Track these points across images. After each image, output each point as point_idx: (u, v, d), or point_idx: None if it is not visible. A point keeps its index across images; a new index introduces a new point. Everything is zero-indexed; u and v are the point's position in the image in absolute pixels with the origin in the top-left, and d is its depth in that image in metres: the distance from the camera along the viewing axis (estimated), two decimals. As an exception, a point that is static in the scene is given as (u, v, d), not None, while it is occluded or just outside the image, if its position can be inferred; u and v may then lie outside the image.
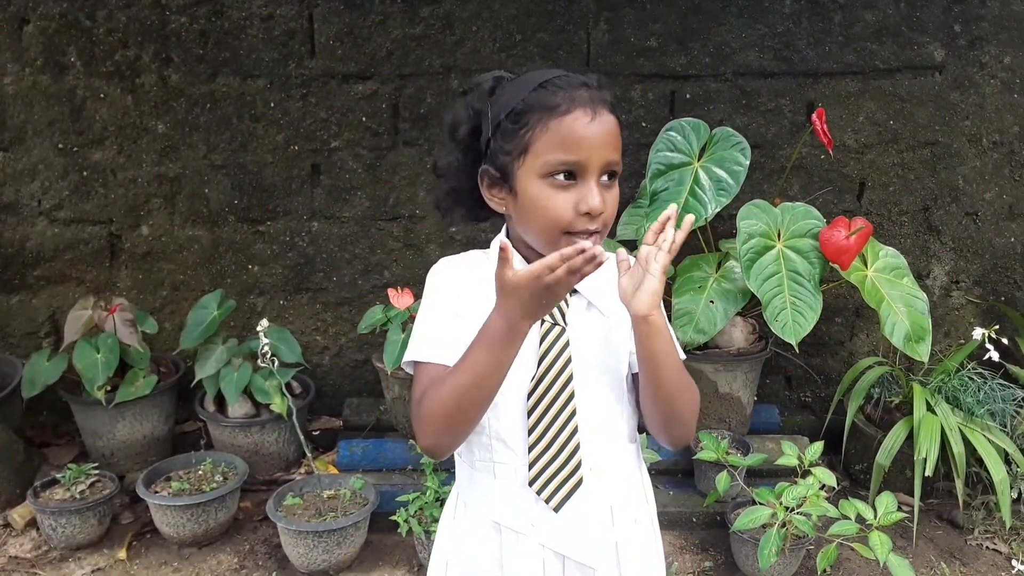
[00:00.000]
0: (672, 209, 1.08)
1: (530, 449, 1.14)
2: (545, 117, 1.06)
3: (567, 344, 1.14)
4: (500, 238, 1.19)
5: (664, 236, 1.06)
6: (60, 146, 2.77)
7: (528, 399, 1.13)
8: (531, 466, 1.14)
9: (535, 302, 0.99)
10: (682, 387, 1.13)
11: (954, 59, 2.76)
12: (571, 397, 1.14)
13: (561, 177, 1.07)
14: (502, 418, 1.15)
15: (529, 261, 1.15)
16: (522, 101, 1.09)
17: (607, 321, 1.18)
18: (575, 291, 1.16)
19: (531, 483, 1.14)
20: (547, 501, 1.14)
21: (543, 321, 1.14)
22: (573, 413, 1.14)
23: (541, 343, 1.14)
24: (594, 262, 0.94)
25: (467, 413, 1.07)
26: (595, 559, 1.18)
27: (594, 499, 1.17)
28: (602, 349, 1.18)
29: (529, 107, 1.08)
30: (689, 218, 1.09)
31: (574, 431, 1.14)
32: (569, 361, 1.14)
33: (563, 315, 1.15)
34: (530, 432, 1.14)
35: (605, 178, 1.09)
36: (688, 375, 1.15)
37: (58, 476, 2.43)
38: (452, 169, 1.19)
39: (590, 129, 1.06)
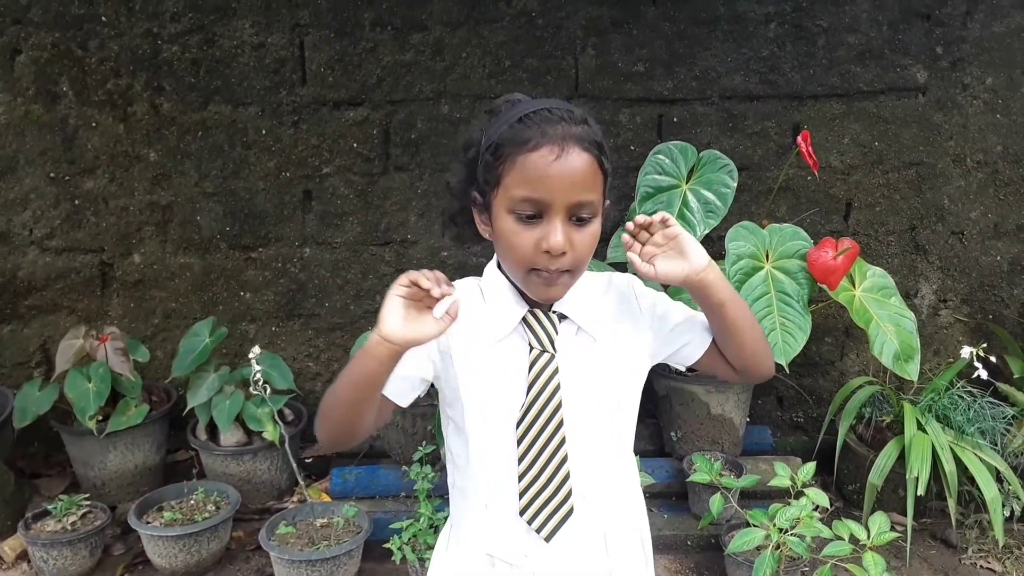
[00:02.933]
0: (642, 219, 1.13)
1: (520, 478, 1.13)
2: (515, 152, 1.06)
3: (556, 371, 1.13)
4: (489, 266, 1.21)
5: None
6: (52, 175, 2.77)
7: (517, 427, 1.13)
8: (521, 495, 1.13)
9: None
10: (755, 320, 1.20)
11: (937, 81, 2.80)
12: (560, 425, 1.13)
13: (525, 214, 1.06)
14: (491, 447, 1.15)
15: (515, 287, 1.16)
16: (500, 134, 1.08)
17: (597, 346, 1.17)
18: (564, 317, 1.16)
19: (521, 513, 1.13)
20: (538, 531, 1.13)
21: (532, 348, 1.14)
22: (563, 441, 1.13)
23: (530, 370, 1.13)
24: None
25: (335, 418, 1.11)
26: None
27: (587, 528, 1.17)
28: (593, 375, 1.16)
29: (505, 140, 1.07)
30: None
31: (564, 459, 1.13)
32: (558, 388, 1.13)
33: (552, 342, 1.14)
34: (519, 461, 1.13)
35: (574, 217, 1.07)
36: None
37: (49, 507, 2.41)
38: (461, 189, 1.18)
39: (554, 168, 1.04)
